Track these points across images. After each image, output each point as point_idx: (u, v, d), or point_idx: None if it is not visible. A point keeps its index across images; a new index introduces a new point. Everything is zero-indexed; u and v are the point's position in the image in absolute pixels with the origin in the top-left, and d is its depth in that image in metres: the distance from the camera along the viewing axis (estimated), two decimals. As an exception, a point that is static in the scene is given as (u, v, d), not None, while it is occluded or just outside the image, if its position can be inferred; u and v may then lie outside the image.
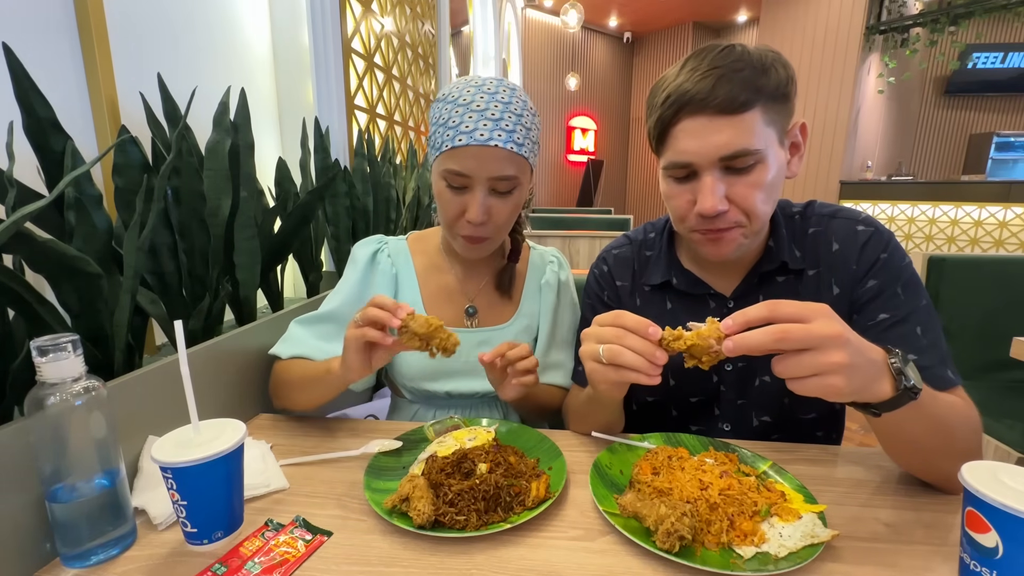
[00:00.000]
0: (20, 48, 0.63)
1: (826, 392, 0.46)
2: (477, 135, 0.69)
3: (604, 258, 0.84)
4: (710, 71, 0.59)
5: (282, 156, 1.29)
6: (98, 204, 0.72)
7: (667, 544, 0.46)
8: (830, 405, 0.76)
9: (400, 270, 0.85)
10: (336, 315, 0.81)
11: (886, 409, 0.49)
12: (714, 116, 0.59)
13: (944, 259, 1.42)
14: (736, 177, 0.62)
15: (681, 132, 0.62)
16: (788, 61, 0.63)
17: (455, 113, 0.70)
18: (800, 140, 0.67)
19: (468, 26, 4.33)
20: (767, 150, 0.61)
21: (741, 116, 0.59)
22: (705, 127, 0.60)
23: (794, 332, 0.45)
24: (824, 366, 0.44)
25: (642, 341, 0.53)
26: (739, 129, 0.59)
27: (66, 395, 0.44)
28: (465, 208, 0.73)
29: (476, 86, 0.72)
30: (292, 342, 0.79)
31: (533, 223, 3.73)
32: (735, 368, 0.73)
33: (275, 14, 1.56)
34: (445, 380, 0.82)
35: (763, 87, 0.60)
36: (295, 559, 0.47)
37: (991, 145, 5.84)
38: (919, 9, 5.07)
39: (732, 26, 7.81)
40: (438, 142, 0.72)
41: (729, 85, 0.58)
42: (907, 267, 0.67)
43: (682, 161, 0.62)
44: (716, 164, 0.61)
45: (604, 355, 0.54)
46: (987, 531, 0.40)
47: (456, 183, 0.72)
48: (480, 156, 0.69)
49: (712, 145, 0.60)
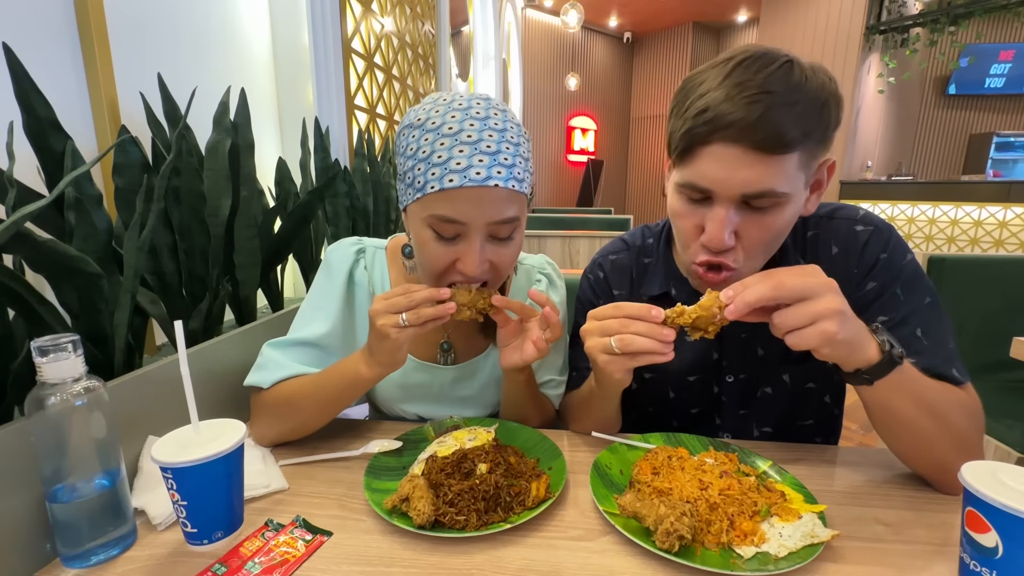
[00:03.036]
0: (20, 48, 0.63)
1: (823, 338, 0.48)
2: (473, 174, 0.56)
3: (600, 263, 0.81)
4: (760, 95, 0.52)
5: (282, 156, 1.29)
6: (98, 204, 0.72)
7: (666, 544, 0.46)
8: (829, 411, 0.76)
9: (376, 285, 0.77)
10: (322, 344, 0.71)
11: (877, 375, 0.52)
12: (750, 150, 0.53)
13: (944, 259, 1.42)
14: (751, 215, 0.57)
15: (709, 155, 0.55)
16: (841, 95, 0.57)
17: (439, 146, 0.57)
18: (824, 178, 0.61)
19: (468, 26, 4.33)
20: (792, 194, 0.56)
21: (780, 157, 0.53)
22: (737, 159, 0.54)
23: (789, 280, 0.48)
24: (819, 313, 0.47)
25: (647, 324, 0.54)
26: (773, 170, 0.53)
27: (66, 395, 0.44)
28: (457, 258, 0.61)
29: (461, 110, 0.58)
30: (273, 367, 0.68)
31: (533, 223, 3.73)
32: (736, 380, 0.73)
33: (275, 14, 1.56)
34: (416, 404, 0.79)
35: (812, 129, 0.53)
36: (295, 559, 0.47)
37: (991, 145, 5.84)
38: (919, 9, 5.08)
39: (732, 26, 7.81)
40: (418, 181, 0.58)
41: (777, 121, 0.51)
42: (908, 264, 0.65)
43: (702, 187, 0.57)
44: (735, 199, 0.56)
45: (616, 346, 0.55)
46: (987, 531, 0.40)
47: (447, 232, 0.59)
48: (477, 199, 0.57)
49: (739, 179, 0.54)
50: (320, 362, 0.71)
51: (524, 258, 0.83)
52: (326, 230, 1.44)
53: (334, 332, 0.73)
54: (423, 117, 0.60)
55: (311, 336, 0.71)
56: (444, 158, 0.57)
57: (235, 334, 0.78)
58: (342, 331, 0.74)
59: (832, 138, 0.57)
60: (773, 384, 0.72)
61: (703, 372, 0.74)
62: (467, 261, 0.60)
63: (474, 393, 0.80)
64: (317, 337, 0.71)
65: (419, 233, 0.62)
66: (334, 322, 0.73)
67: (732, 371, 0.73)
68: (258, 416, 0.69)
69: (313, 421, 0.68)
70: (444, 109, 0.59)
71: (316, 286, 0.76)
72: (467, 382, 0.79)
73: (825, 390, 0.73)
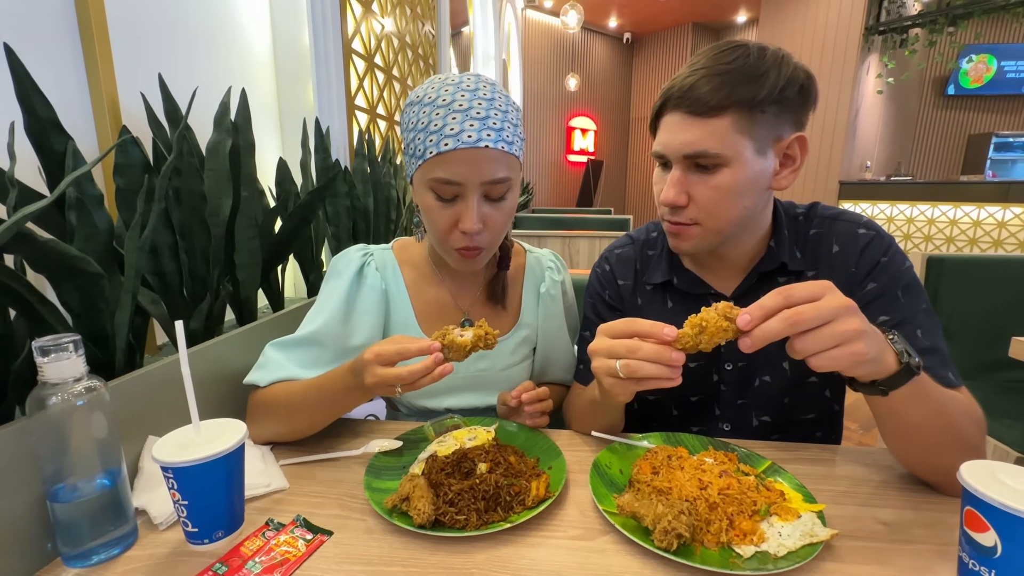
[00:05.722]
0: (21, 48, 0.63)
1: (851, 359, 0.46)
2: (465, 137, 0.63)
3: (607, 257, 0.84)
4: (697, 70, 0.61)
5: (283, 156, 1.29)
6: (99, 204, 0.72)
7: (665, 542, 0.46)
8: (829, 405, 0.76)
9: (389, 285, 0.80)
10: (319, 337, 0.72)
11: (893, 386, 0.50)
12: (685, 115, 0.62)
13: (943, 259, 1.42)
14: (700, 176, 0.64)
15: (663, 125, 0.66)
16: (802, 72, 0.62)
17: (435, 116, 0.65)
18: (797, 153, 0.66)
19: (468, 26, 4.34)
20: (731, 157, 0.61)
21: (709, 120, 0.61)
22: (678, 124, 0.63)
23: (806, 312, 0.46)
24: (844, 335, 0.45)
25: (656, 348, 0.51)
26: (705, 131, 0.61)
27: (67, 395, 0.44)
28: (458, 219, 0.67)
29: (453, 84, 0.67)
30: (272, 367, 0.70)
31: (533, 223, 3.73)
32: (735, 367, 0.74)
33: (275, 14, 1.56)
34: (444, 397, 0.80)
35: (741, 95, 0.59)
36: (295, 559, 0.47)
37: (990, 145, 5.85)
38: (918, 10, 5.08)
39: (732, 26, 7.82)
40: (419, 150, 0.66)
41: (707, 88, 0.60)
42: (907, 271, 0.67)
43: (657, 151, 0.67)
44: (682, 160, 0.64)
45: (622, 371, 0.53)
46: (986, 530, 0.40)
47: (446, 193, 0.66)
48: (470, 160, 0.64)
49: (679, 141, 0.63)
50: (320, 362, 0.71)
51: (532, 250, 0.91)
52: (326, 230, 1.44)
53: (334, 323, 0.74)
54: (421, 95, 0.68)
55: (309, 332, 0.72)
56: (439, 126, 0.65)
57: (236, 334, 0.78)
58: (343, 324, 0.75)
59: (784, 107, 0.62)
60: (771, 371, 0.72)
61: (702, 359, 0.74)
62: (465, 219, 0.67)
63: (495, 376, 0.82)
64: (314, 331, 0.72)
65: (423, 198, 0.69)
66: (335, 316, 0.74)
67: (731, 358, 0.74)
68: (253, 414, 0.70)
69: (305, 425, 0.68)
70: (439, 85, 0.67)
71: (322, 290, 0.78)
72: (489, 362, 0.81)
73: (825, 384, 0.74)
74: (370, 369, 0.56)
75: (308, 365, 0.71)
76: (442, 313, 0.81)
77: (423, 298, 0.81)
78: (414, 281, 0.81)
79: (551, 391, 0.83)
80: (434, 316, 0.80)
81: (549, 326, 0.86)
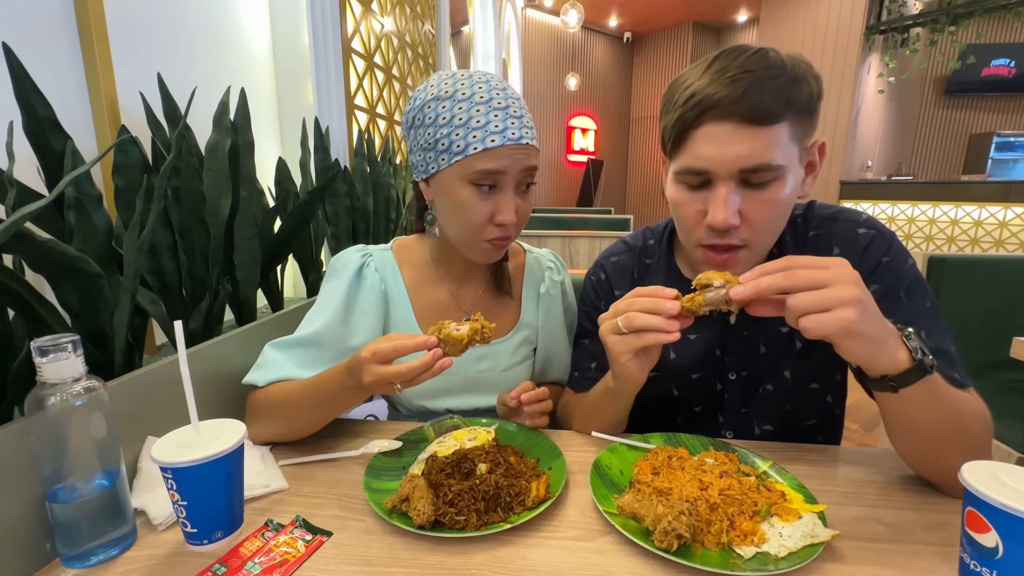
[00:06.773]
0: (20, 48, 0.63)
1: (840, 324, 0.45)
2: (510, 134, 0.66)
3: (602, 265, 0.82)
4: (741, 75, 0.55)
5: (282, 156, 1.29)
6: (98, 204, 0.72)
7: (665, 543, 0.46)
8: (831, 410, 0.76)
9: (388, 285, 0.79)
10: (319, 338, 0.72)
11: (904, 383, 0.49)
12: (740, 125, 0.55)
13: (944, 259, 1.42)
14: (752, 192, 0.58)
15: (702, 137, 0.58)
16: (819, 74, 0.60)
17: (475, 112, 0.66)
18: (817, 159, 0.64)
19: (468, 26, 4.33)
20: (788, 167, 0.58)
21: (769, 128, 0.55)
22: (729, 135, 0.56)
23: (804, 272, 0.47)
24: (836, 299, 0.45)
25: (653, 300, 0.54)
26: (765, 142, 0.56)
27: (66, 395, 0.44)
28: (494, 211, 0.69)
29: (483, 82, 0.68)
30: (271, 367, 0.70)
31: (533, 223, 3.73)
32: (739, 377, 0.73)
33: (275, 14, 1.56)
34: (444, 397, 0.80)
35: (795, 99, 0.56)
36: (295, 559, 0.47)
37: (991, 145, 5.84)
38: (919, 9, 5.07)
39: (732, 26, 7.81)
40: (457, 145, 0.66)
41: (760, 93, 0.54)
42: (910, 269, 0.65)
43: (699, 168, 0.59)
44: (734, 176, 0.57)
45: (622, 324, 0.55)
46: (987, 531, 0.40)
47: (487, 182, 0.67)
48: (514, 155, 0.67)
49: (733, 155, 0.56)
50: (319, 362, 0.71)
51: (531, 250, 0.91)
52: (326, 230, 1.44)
53: (334, 324, 0.74)
54: (449, 90, 0.68)
55: (309, 333, 0.72)
56: (483, 122, 0.66)
57: (235, 334, 0.78)
58: (343, 325, 0.75)
59: (817, 112, 0.59)
60: (774, 381, 0.72)
61: (706, 369, 0.74)
62: (506, 210, 0.68)
63: (496, 377, 0.82)
64: (314, 332, 0.72)
65: (456, 194, 0.68)
66: (334, 316, 0.74)
67: (735, 368, 0.73)
68: (252, 414, 0.69)
69: (304, 425, 0.68)
70: (468, 82, 0.68)
71: (321, 291, 0.78)
72: (490, 362, 0.81)
73: (827, 390, 0.73)
74: (368, 368, 0.56)
75: (307, 365, 0.70)
76: (442, 313, 0.81)
77: (423, 298, 0.81)
78: (414, 281, 0.81)
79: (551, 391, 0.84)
80: (434, 316, 0.80)
81: (549, 326, 0.86)
